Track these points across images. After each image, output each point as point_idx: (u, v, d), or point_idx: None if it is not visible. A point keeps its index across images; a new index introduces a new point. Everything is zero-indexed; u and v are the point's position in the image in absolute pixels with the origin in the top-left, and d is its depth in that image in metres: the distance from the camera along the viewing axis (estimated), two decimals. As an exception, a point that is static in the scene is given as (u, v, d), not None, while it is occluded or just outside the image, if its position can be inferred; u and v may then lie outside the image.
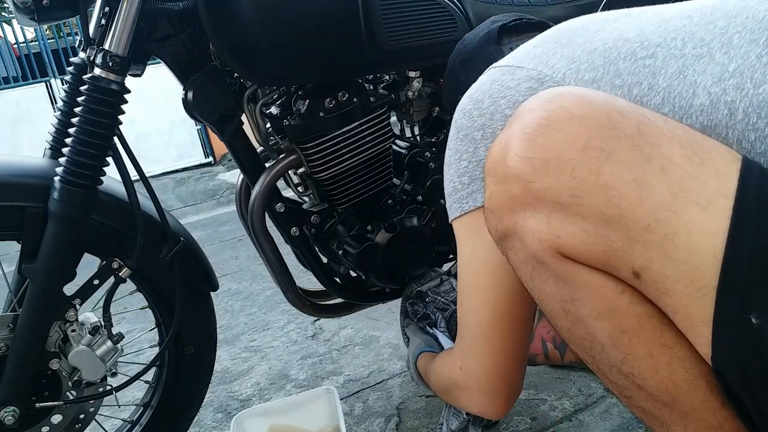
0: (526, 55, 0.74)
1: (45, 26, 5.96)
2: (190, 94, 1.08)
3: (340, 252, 1.21)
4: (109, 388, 1.10)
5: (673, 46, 0.61)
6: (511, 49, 0.85)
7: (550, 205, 0.55)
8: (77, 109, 0.97)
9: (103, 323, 1.07)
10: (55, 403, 1.05)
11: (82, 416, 1.10)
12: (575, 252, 0.55)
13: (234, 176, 5.68)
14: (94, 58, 0.97)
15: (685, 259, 0.50)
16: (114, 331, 1.09)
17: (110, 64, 0.96)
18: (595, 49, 0.67)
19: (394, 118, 1.30)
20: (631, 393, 0.60)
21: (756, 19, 0.59)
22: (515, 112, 0.61)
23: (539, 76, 0.70)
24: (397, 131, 1.31)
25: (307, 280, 1.35)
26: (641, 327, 0.56)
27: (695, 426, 0.57)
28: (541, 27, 0.91)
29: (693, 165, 0.51)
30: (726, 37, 0.59)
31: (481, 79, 0.77)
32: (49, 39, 6.61)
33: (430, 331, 1.18)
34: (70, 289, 1.03)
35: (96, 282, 1.06)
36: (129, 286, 1.12)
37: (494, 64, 0.78)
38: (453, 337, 1.13)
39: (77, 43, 1.15)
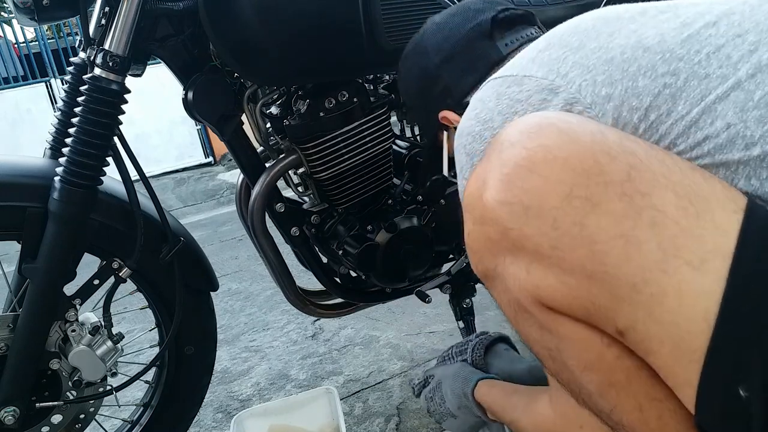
0: (532, 62, 0.65)
1: (45, 26, 5.96)
2: (190, 94, 1.08)
3: (340, 252, 1.21)
4: (109, 388, 1.10)
5: (696, 62, 0.54)
6: (507, 46, 0.78)
7: (530, 254, 0.52)
8: (77, 109, 0.97)
9: (103, 323, 1.07)
10: (55, 403, 1.05)
11: (82, 416, 1.10)
12: (557, 304, 0.53)
13: (234, 176, 5.67)
14: (94, 58, 0.97)
15: (673, 322, 0.47)
16: (114, 331, 1.09)
17: (110, 64, 0.96)
18: (612, 58, 0.59)
19: (394, 118, 1.29)
20: None
21: None
22: (493, 141, 0.58)
23: (551, 86, 0.61)
24: (397, 131, 1.31)
25: (307, 280, 1.35)
26: (629, 381, 0.53)
27: None
28: (528, 19, 0.82)
29: (688, 218, 0.47)
30: (755, 57, 0.52)
31: (482, 95, 0.68)
32: (49, 39, 6.61)
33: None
34: (70, 289, 1.03)
35: (96, 282, 1.06)
36: (129, 286, 1.12)
37: (493, 76, 0.69)
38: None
39: (77, 43, 1.15)
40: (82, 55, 1.08)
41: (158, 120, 6.53)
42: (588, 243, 0.49)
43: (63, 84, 1.17)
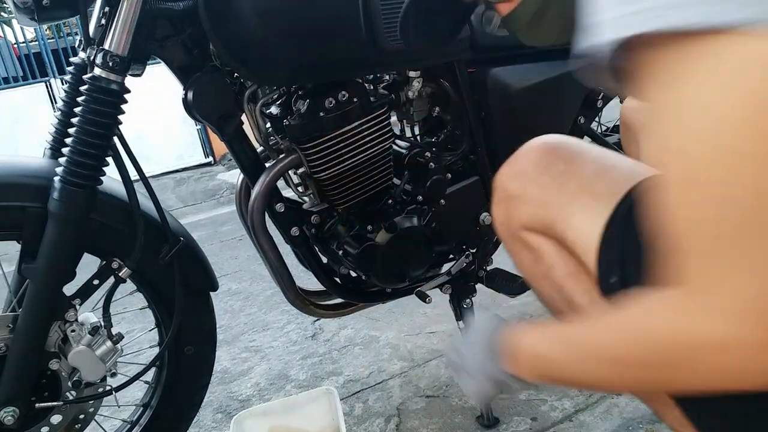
0: None
1: (45, 26, 5.96)
2: (190, 94, 1.07)
3: (340, 252, 1.21)
4: (108, 388, 1.10)
5: None
6: None
7: (516, 200, 0.82)
8: (77, 109, 0.97)
9: (102, 323, 1.07)
10: (55, 403, 1.05)
11: (81, 416, 1.10)
12: (529, 225, 0.80)
13: (234, 176, 5.67)
14: (94, 58, 0.97)
15: (579, 238, 0.73)
16: (114, 331, 1.09)
17: (110, 64, 0.96)
18: None
19: (394, 118, 1.29)
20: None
21: None
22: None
23: None
24: (397, 131, 1.31)
25: (307, 280, 1.35)
26: (578, 271, 0.76)
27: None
28: None
29: (596, 180, 0.73)
30: None
31: None
32: (49, 39, 6.61)
33: None
34: (70, 289, 1.03)
35: (96, 282, 1.06)
36: (129, 286, 1.12)
37: None
38: None
39: (77, 43, 1.15)
40: (82, 55, 1.08)
41: (158, 120, 6.51)
42: (540, 187, 0.79)
43: (63, 84, 1.17)
